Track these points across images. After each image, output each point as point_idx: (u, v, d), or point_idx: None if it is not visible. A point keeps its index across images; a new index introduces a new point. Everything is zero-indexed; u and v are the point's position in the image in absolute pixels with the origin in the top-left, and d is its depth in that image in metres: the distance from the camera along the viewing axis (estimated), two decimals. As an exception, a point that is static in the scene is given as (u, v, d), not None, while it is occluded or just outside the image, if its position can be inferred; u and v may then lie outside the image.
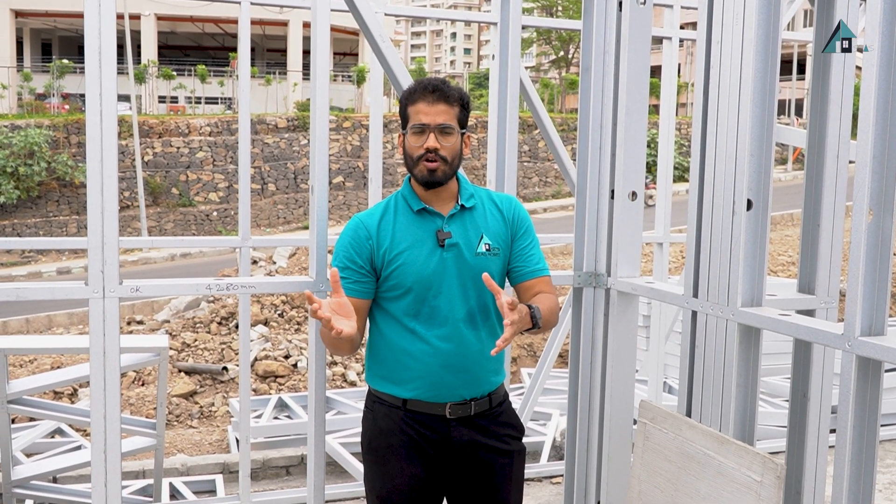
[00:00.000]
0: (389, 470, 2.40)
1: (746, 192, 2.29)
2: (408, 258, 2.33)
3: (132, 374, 10.04)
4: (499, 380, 2.50)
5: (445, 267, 2.35)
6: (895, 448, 5.71)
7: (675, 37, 5.16)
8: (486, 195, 2.49)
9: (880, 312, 1.96)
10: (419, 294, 2.34)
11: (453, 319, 2.36)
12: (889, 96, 1.88)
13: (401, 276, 2.33)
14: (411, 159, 2.34)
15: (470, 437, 2.41)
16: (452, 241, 2.36)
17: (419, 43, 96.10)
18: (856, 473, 2.01)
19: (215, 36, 39.78)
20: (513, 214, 2.47)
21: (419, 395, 2.38)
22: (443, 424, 2.39)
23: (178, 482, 5.41)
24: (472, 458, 2.43)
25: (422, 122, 2.30)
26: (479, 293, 2.38)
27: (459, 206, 2.40)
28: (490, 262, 2.39)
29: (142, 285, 2.53)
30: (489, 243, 2.40)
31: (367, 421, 2.47)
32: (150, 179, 23.66)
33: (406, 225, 2.37)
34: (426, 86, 2.33)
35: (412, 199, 2.39)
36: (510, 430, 2.51)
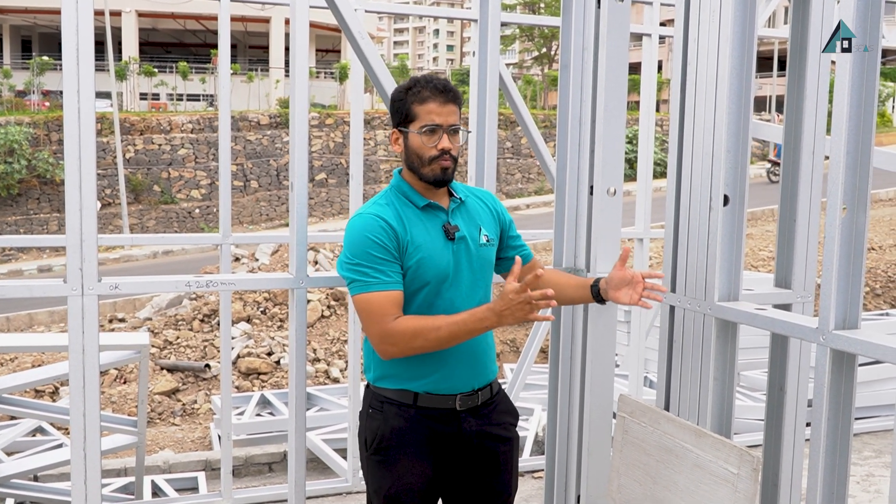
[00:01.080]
0: (398, 469, 2.39)
1: (723, 188, 2.31)
2: (426, 252, 2.34)
3: (114, 373, 9.99)
4: (496, 368, 2.57)
5: (458, 259, 2.39)
6: (873, 441, 5.78)
7: (654, 33, 5.19)
8: (466, 189, 2.54)
9: (854, 306, 1.99)
10: (435, 287, 2.36)
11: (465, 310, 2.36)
12: (862, 93, 1.91)
13: (420, 271, 2.34)
14: (420, 159, 2.34)
15: (477, 426, 2.45)
16: (461, 235, 2.40)
17: (402, 40, 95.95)
18: (830, 465, 2.04)
19: (197, 33, 39.57)
20: (497, 208, 2.56)
21: (432, 388, 2.39)
22: (454, 418, 2.42)
23: (161, 480, 5.39)
24: (479, 448, 2.47)
25: (435, 123, 2.31)
26: (486, 284, 2.47)
27: (458, 199, 2.45)
28: (490, 252, 2.48)
29: (121, 283, 2.53)
30: (487, 234, 2.46)
31: (376, 422, 2.43)
32: (132, 177, 23.53)
33: (415, 220, 2.38)
34: (436, 85, 2.33)
35: (414, 195, 2.40)
36: (509, 417, 2.58)
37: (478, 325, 2.22)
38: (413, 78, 2.40)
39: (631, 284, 2.27)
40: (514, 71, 44.51)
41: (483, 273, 2.45)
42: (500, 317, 2.18)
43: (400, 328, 2.24)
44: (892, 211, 20.02)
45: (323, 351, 10.52)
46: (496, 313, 2.18)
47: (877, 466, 5.22)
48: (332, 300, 11.18)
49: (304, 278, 2.70)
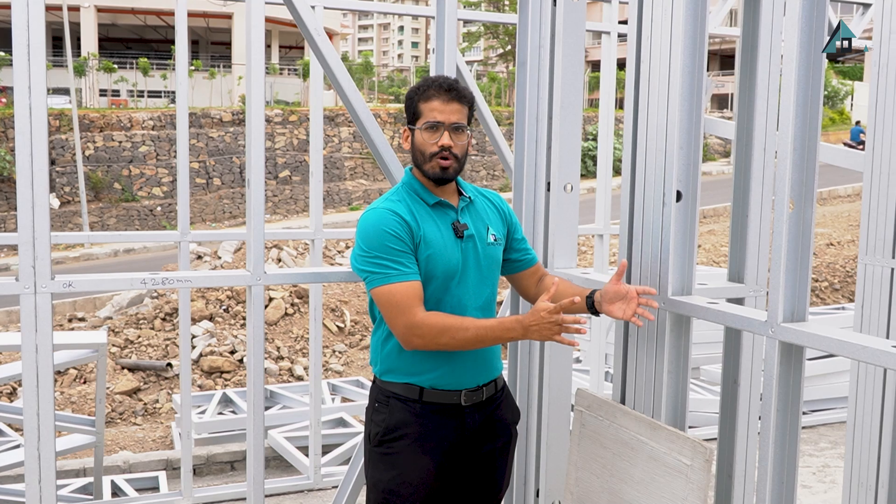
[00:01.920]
0: (400, 463, 2.42)
1: (676, 184, 2.34)
2: (435, 249, 2.38)
3: (73, 372, 9.86)
4: (501, 366, 2.61)
5: (466, 257, 2.43)
6: (829, 432, 5.89)
7: (613, 31, 5.23)
8: (476, 190, 2.60)
9: (801, 300, 2.03)
10: (443, 283, 2.40)
11: (471, 308, 2.44)
12: (808, 91, 1.95)
13: (429, 266, 2.37)
14: (422, 155, 2.39)
15: (481, 422, 2.51)
16: (469, 233, 2.45)
17: (366, 36, 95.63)
18: (780, 455, 2.08)
19: (158, 28, 39.10)
20: (506, 209, 2.63)
21: (437, 383, 2.43)
22: (458, 413, 2.46)
23: (120, 480, 5.33)
24: (480, 443, 2.52)
25: (436, 120, 2.36)
26: (493, 282, 2.52)
27: (467, 198, 2.50)
28: (497, 251, 2.52)
29: (74, 280, 2.50)
30: (495, 234, 2.52)
31: (381, 415, 2.46)
32: (92, 174, 23.19)
33: (425, 217, 2.41)
34: (441, 84, 2.38)
35: (425, 192, 2.44)
36: (511, 415, 2.64)
37: (504, 334, 2.26)
38: (424, 78, 2.45)
39: (625, 299, 2.28)
40: (480, 68, 44.56)
41: (490, 271, 2.50)
42: (527, 331, 2.22)
43: (430, 322, 2.27)
44: (850, 207, 20.38)
45: (286, 349, 10.47)
46: (524, 326, 2.22)
47: (832, 457, 5.32)
48: (295, 298, 11.13)
49: (261, 275, 2.70)
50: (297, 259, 12.79)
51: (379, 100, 37.05)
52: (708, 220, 18.80)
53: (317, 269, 3.03)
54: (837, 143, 27.86)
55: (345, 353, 10.86)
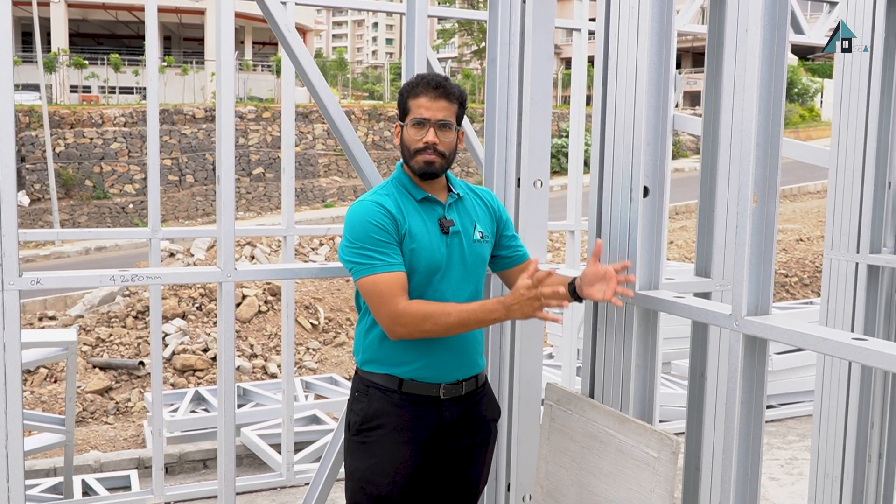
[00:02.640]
0: (376, 451, 2.45)
1: (643, 180, 2.37)
2: (421, 243, 2.41)
3: (44, 371, 9.77)
4: (483, 362, 2.64)
5: (451, 253, 2.46)
6: (797, 425, 5.97)
7: (584, 28, 5.27)
8: (467, 186, 2.63)
9: (765, 293, 2.06)
10: (426, 278, 2.42)
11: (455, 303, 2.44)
12: (771, 87, 1.98)
13: (413, 260, 2.40)
14: (409, 150, 2.42)
15: (459, 416, 2.53)
16: (455, 229, 2.48)
17: (341, 33, 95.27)
18: (744, 446, 2.11)
19: (129, 24, 38.71)
20: (496, 206, 2.65)
21: (416, 375, 2.45)
22: (436, 405, 2.48)
23: (91, 479, 5.30)
24: (457, 438, 2.54)
25: (423, 117, 2.39)
26: (477, 279, 2.54)
27: (456, 195, 2.52)
28: (484, 248, 2.55)
29: (43, 277, 2.48)
30: (482, 231, 2.54)
31: (360, 404, 2.50)
32: (63, 171, 22.94)
33: (412, 211, 2.44)
34: (429, 81, 2.42)
35: (413, 187, 2.47)
36: (491, 412, 2.67)
37: (487, 315, 2.29)
38: (417, 75, 2.49)
39: (604, 280, 2.30)
40: (454, 65, 44.55)
41: (475, 268, 2.52)
42: (509, 310, 2.25)
43: (412, 310, 2.30)
44: (820, 203, 20.62)
45: (260, 346, 10.43)
46: (505, 306, 2.26)
47: (800, 450, 5.39)
48: (269, 295, 11.09)
49: (231, 272, 2.69)
50: (271, 256, 12.73)
51: (353, 96, 36.95)
52: (680, 217, 18.96)
53: (287, 266, 3.03)
54: (808, 139, 28.17)
55: (319, 350, 10.84)
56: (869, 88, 3.47)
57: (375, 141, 26.94)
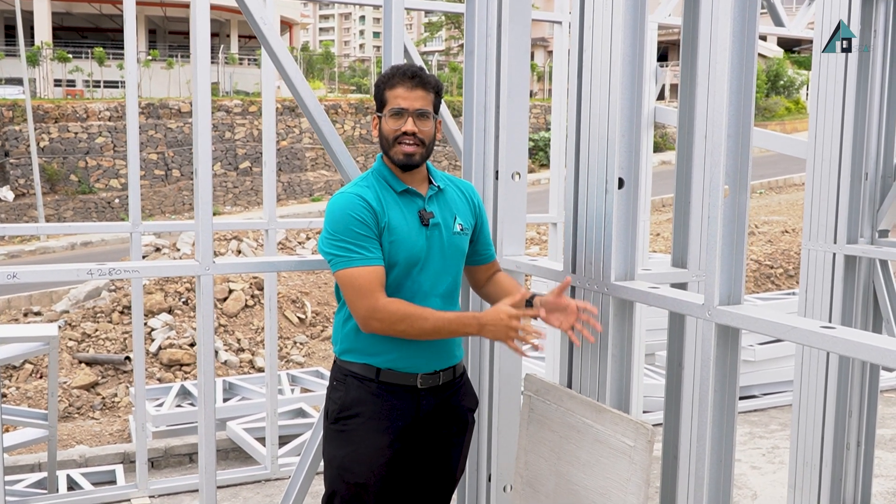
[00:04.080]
0: (353, 439, 2.47)
1: (618, 171, 2.38)
2: (398, 236, 2.42)
3: (29, 367, 9.73)
4: (461, 353, 2.66)
5: (430, 245, 2.47)
6: (779, 415, 6.01)
7: (565, 21, 5.28)
8: (448, 178, 2.63)
9: (737, 283, 2.08)
10: (405, 270, 2.44)
11: (432, 295, 2.48)
12: (742, 78, 2.00)
13: (392, 252, 2.41)
14: (387, 141, 2.43)
15: (436, 405, 2.55)
16: (435, 221, 2.49)
17: (328, 26, 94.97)
18: (717, 435, 2.13)
19: (114, 17, 38.44)
20: (476, 202, 2.66)
21: (393, 365, 2.47)
22: (413, 395, 2.50)
23: (76, 474, 5.29)
24: (435, 427, 2.56)
25: (400, 107, 2.40)
26: (455, 272, 2.56)
27: (436, 187, 2.53)
28: (463, 241, 2.56)
29: (19, 271, 2.48)
30: (462, 224, 2.56)
31: (338, 392, 2.52)
32: (47, 166, 22.80)
33: (392, 203, 2.45)
34: (405, 72, 2.42)
35: (393, 179, 2.48)
36: (468, 403, 2.68)
37: (461, 328, 2.35)
38: (392, 66, 2.50)
39: (564, 312, 2.39)
40: (441, 58, 44.50)
41: (454, 260, 2.54)
42: (483, 328, 2.32)
43: (391, 308, 2.33)
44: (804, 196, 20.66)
45: (247, 341, 10.43)
46: (480, 324, 2.32)
47: (782, 439, 5.44)
48: (255, 289, 11.08)
49: (209, 265, 2.70)
50: (258, 250, 12.72)
51: (340, 90, 36.85)
52: (667, 210, 19.02)
53: (267, 259, 3.03)
54: (794, 132, 28.29)
55: (306, 344, 10.84)
56: (845, 81, 3.50)
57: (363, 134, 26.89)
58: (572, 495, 2.49)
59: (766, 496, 4.60)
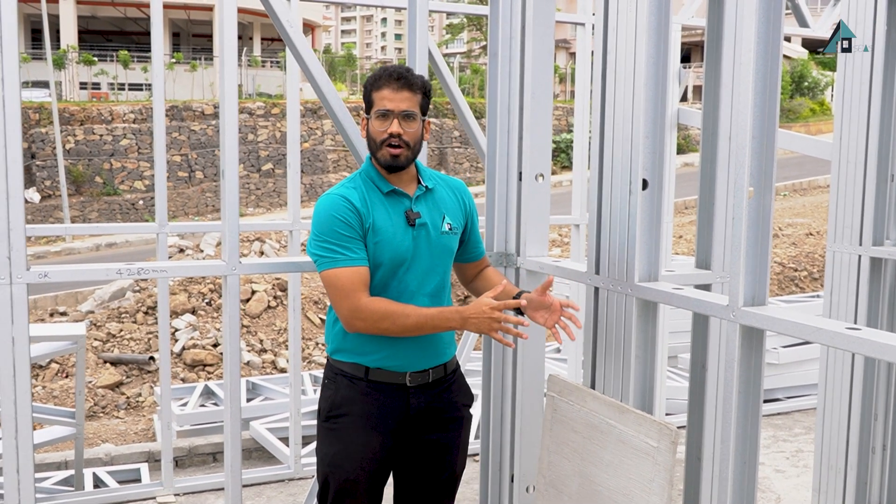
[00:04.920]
0: (344, 438, 2.50)
1: (642, 172, 2.39)
2: (384, 237, 2.44)
3: (55, 367, 9.84)
4: (452, 351, 2.67)
5: (417, 245, 2.48)
6: (803, 418, 5.97)
7: (588, 23, 5.28)
8: (439, 177, 2.64)
9: (762, 284, 2.08)
10: (391, 270, 2.45)
11: (419, 295, 2.50)
12: (767, 79, 1.99)
13: (377, 252, 2.43)
14: (374, 143, 2.44)
15: (426, 403, 2.56)
16: (422, 221, 2.49)
17: (349, 28, 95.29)
18: (741, 436, 2.13)
19: (138, 21, 38.79)
20: (467, 200, 2.66)
21: (382, 364, 2.49)
22: (402, 393, 2.52)
23: (102, 472, 5.35)
24: (426, 425, 2.57)
25: (386, 108, 2.41)
26: (444, 270, 2.57)
27: (424, 187, 2.54)
28: (451, 240, 2.57)
29: (50, 271, 2.52)
30: (450, 223, 2.56)
31: (328, 391, 2.56)
32: (73, 168, 23.04)
33: (378, 204, 2.47)
34: (391, 73, 2.43)
35: (380, 180, 2.49)
36: (462, 398, 2.68)
37: (443, 322, 2.36)
38: (380, 67, 2.50)
39: (549, 310, 2.44)
40: (463, 60, 44.51)
41: (441, 260, 2.55)
42: (466, 321, 2.32)
43: (372, 307, 2.35)
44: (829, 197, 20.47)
45: (269, 342, 10.49)
46: (463, 318, 2.33)
47: (806, 442, 5.40)
48: (278, 290, 11.14)
49: (236, 265, 2.73)
50: (280, 251, 12.79)
51: (362, 92, 36.89)
52: (690, 212, 18.93)
53: (292, 259, 3.06)
54: (818, 133, 28.04)
55: (327, 345, 10.87)
56: (871, 82, 3.48)
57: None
58: (595, 496, 2.50)
59: (789, 500, 4.57)
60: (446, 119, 27.47)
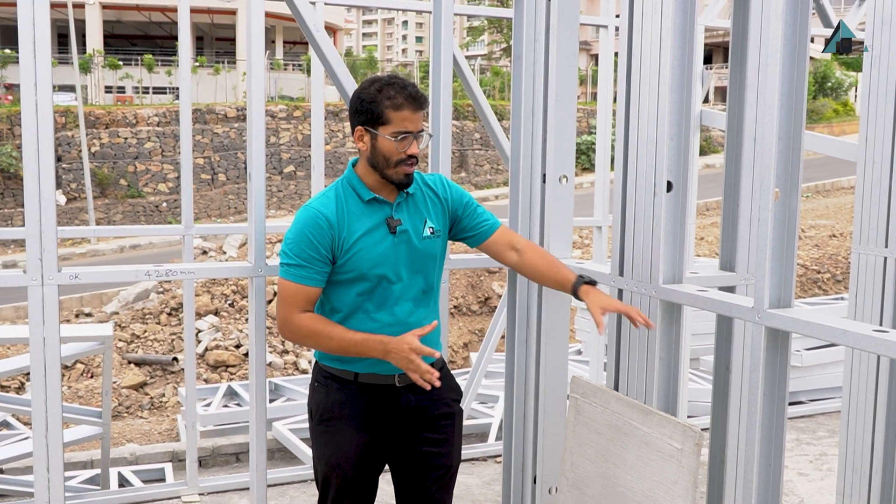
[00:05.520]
0: (339, 439, 2.53)
1: (666, 174, 2.39)
2: (362, 245, 2.45)
3: (80, 367, 9.96)
4: (439, 349, 2.70)
5: (398, 252, 2.49)
6: (827, 421, 5.93)
7: (611, 25, 5.28)
8: (419, 179, 2.61)
9: (787, 287, 2.08)
10: (373, 279, 2.47)
11: (403, 300, 2.51)
12: (793, 81, 2.00)
13: (356, 263, 2.45)
14: (387, 161, 2.43)
15: (417, 402, 2.57)
16: (403, 228, 2.49)
17: (371, 31, 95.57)
18: (767, 438, 2.13)
19: (162, 25, 39.15)
20: (448, 194, 2.62)
21: (371, 369, 2.51)
22: (392, 393, 2.54)
23: (127, 471, 5.41)
24: (419, 421, 2.58)
25: (408, 130, 2.41)
26: (426, 275, 2.57)
27: (405, 193, 2.53)
28: (434, 244, 2.56)
29: (80, 272, 2.56)
30: (433, 227, 2.55)
31: (319, 394, 2.58)
32: (98, 171, 23.29)
33: (358, 213, 2.48)
34: (409, 93, 2.42)
35: (361, 188, 2.49)
36: (451, 393, 2.68)
37: (367, 350, 2.39)
38: (380, 79, 2.46)
39: None
40: (484, 63, 44.51)
41: (424, 265, 2.55)
42: (387, 354, 2.35)
43: (300, 323, 2.42)
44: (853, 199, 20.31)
45: (291, 343, 10.55)
46: (385, 350, 2.35)
47: (830, 446, 5.36)
48: (300, 292, 11.19)
49: (262, 266, 2.76)
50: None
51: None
52: (711, 213, 18.83)
53: (317, 261, 3.08)
54: (842, 134, 27.80)
55: (349, 346, 10.90)
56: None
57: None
58: (618, 498, 2.50)
59: (813, 503, 4.54)
60: (467, 121, 27.48)
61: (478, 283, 13.12)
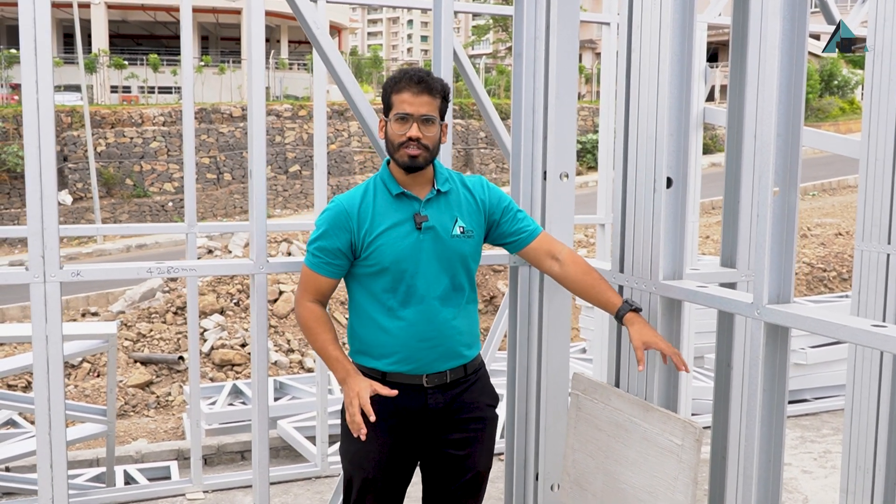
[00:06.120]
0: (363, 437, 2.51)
1: (666, 171, 2.39)
2: (386, 240, 2.47)
3: (87, 366, 9.99)
4: (473, 353, 2.65)
5: (422, 248, 2.49)
6: (831, 419, 5.92)
7: (613, 22, 5.28)
8: (459, 179, 2.63)
9: (786, 282, 2.08)
10: (396, 273, 2.48)
11: (429, 297, 2.51)
12: (791, 77, 2.00)
13: (379, 256, 2.47)
14: (393, 145, 2.47)
15: (445, 403, 2.57)
16: (429, 225, 2.50)
17: (376, 30, 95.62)
18: (766, 434, 2.13)
19: (167, 24, 39.24)
20: (485, 196, 2.62)
21: (397, 368, 2.52)
22: (420, 393, 2.54)
23: (133, 469, 5.42)
24: (448, 424, 2.58)
25: (406, 112, 2.43)
26: (454, 273, 2.56)
27: (436, 190, 2.54)
28: (464, 244, 2.55)
29: (83, 269, 2.57)
30: (463, 226, 2.55)
31: None
32: (104, 170, 23.35)
33: (385, 207, 2.50)
34: (412, 76, 2.44)
35: (391, 182, 2.52)
36: (485, 398, 2.67)
37: (332, 369, 2.52)
38: (401, 70, 2.51)
39: None
40: (489, 61, 44.52)
41: (451, 263, 2.54)
42: (343, 383, 2.49)
43: (302, 312, 2.55)
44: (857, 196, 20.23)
45: (297, 342, 10.56)
46: (343, 380, 2.48)
47: (834, 443, 5.36)
48: (305, 291, 11.21)
49: (263, 264, 2.77)
50: (307, 252, 12.83)
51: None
52: (717, 212, 18.79)
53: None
54: (848, 132, 27.73)
55: (354, 345, 10.91)
56: (900, 78, 3.44)
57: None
58: (620, 493, 2.51)
59: (817, 500, 4.54)
60: (472, 120, 27.48)
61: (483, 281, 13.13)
